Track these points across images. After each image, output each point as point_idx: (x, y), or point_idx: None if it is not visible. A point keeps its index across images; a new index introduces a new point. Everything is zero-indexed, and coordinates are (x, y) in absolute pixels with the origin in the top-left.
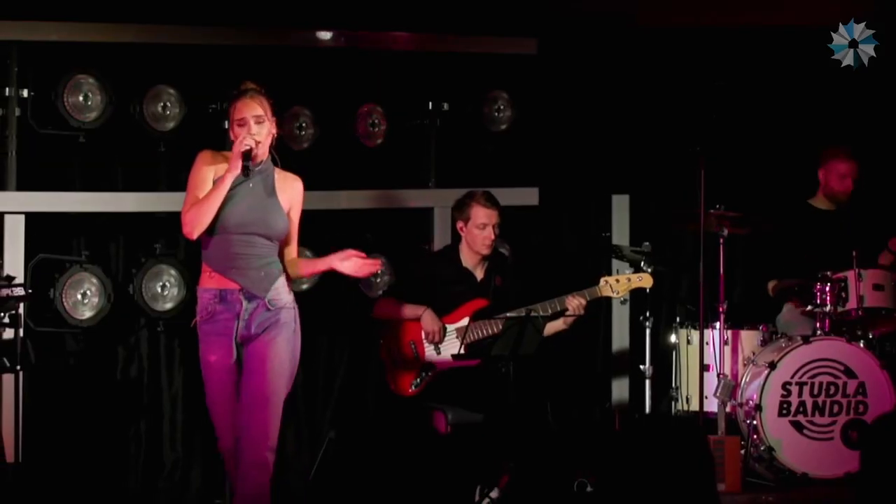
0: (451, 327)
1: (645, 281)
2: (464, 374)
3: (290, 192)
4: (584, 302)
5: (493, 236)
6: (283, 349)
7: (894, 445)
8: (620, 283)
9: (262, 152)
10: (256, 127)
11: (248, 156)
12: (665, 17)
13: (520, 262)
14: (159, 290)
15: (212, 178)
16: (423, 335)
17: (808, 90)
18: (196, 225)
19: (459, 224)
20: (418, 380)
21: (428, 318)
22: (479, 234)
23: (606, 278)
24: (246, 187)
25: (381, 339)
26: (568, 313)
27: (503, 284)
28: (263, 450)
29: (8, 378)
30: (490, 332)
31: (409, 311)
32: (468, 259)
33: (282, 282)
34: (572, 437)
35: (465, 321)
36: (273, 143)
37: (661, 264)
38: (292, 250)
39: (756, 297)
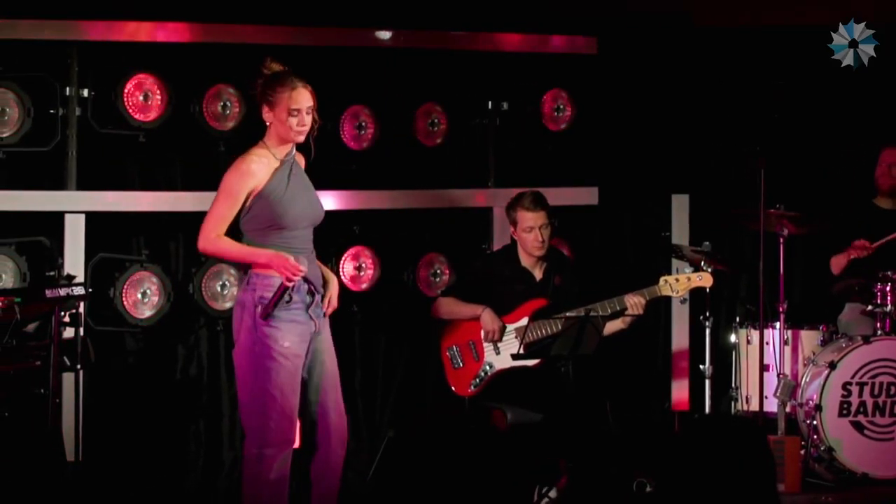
0: (510, 327)
1: (705, 280)
2: (523, 374)
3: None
4: (643, 301)
5: (541, 238)
6: None
7: None
8: (680, 282)
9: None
10: (308, 118)
11: (286, 291)
12: (724, 16)
13: (579, 262)
14: (219, 289)
15: (246, 192)
16: (483, 335)
17: (869, 88)
18: (211, 254)
19: (511, 228)
20: (477, 379)
21: (487, 318)
22: (527, 238)
23: (666, 277)
24: (298, 181)
25: (441, 339)
26: (627, 312)
27: (562, 284)
28: (346, 424)
29: (68, 377)
30: (549, 331)
31: (469, 310)
32: (526, 259)
33: None
34: (631, 437)
35: (524, 321)
36: (316, 130)
37: (721, 264)
38: None
39: (816, 297)
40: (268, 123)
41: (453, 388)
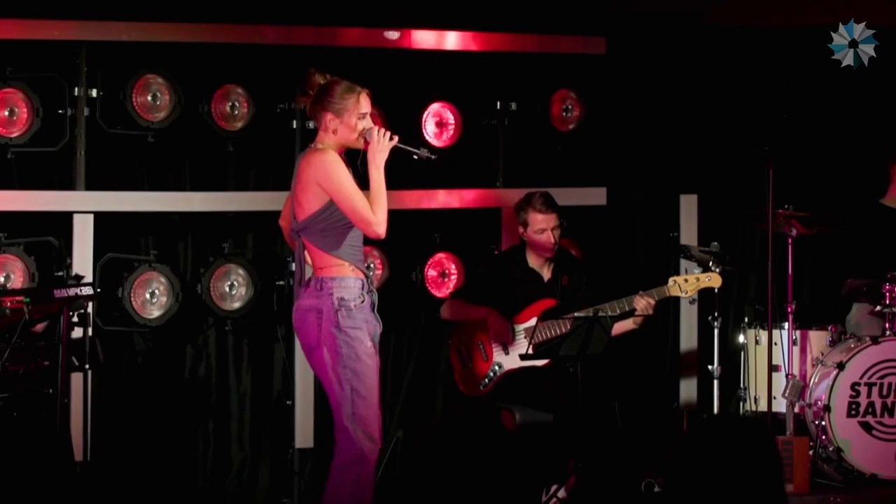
0: (519, 327)
1: (714, 281)
2: (532, 374)
3: None
4: (652, 302)
5: (552, 240)
6: None
7: None
8: (689, 282)
9: None
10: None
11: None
12: (733, 15)
13: (588, 262)
14: (227, 289)
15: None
16: (491, 336)
17: (878, 89)
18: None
19: (520, 229)
20: (486, 380)
21: (495, 319)
22: (538, 239)
23: (675, 278)
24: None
25: (450, 340)
26: (637, 313)
27: (570, 284)
28: None
29: (77, 377)
30: (558, 332)
31: (477, 312)
32: (534, 259)
33: None
34: (640, 437)
35: (532, 321)
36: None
37: (730, 264)
38: None
39: (825, 298)
40: (331, 131)
41: (462, 389)
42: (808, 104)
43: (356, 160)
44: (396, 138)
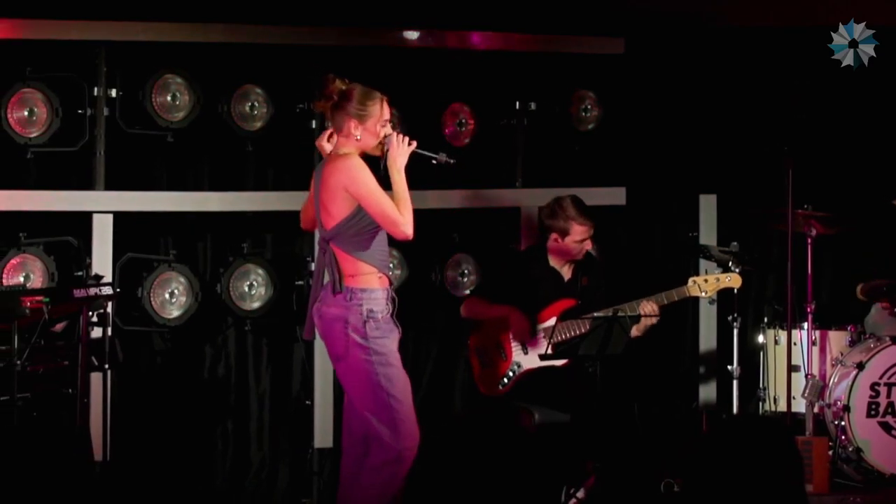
0: (539, 327)
1: (733, 281)
2: (551, 374)
3: None
4: (655, 307)
5: (590, 246)
6: None
7: None
8: (709, 283)
9: None
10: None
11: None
12: (751, 16)
13: (607, 262)
14: (247, 289)
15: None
16: (511, 335)
17: None
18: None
19: (554, 235)
20: (505, 379)
21: (516, 318)
22: (575, 247)
23: (695, 278)
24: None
25: (469, 339)
26: (643, 315)
27: (590, 284)
28: None
29: (96, 377)
30: (577, 332)
31: (497, 310)
32: (555, 259)
33: None
34: (659, 437)
35: (552, 321)
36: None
37: (749, 264)
38: None
39: (844, 298)
40: (354, 137)
41: (481, 388)
42: (827, 104)
43: (376, 164)
44: (415, 143)
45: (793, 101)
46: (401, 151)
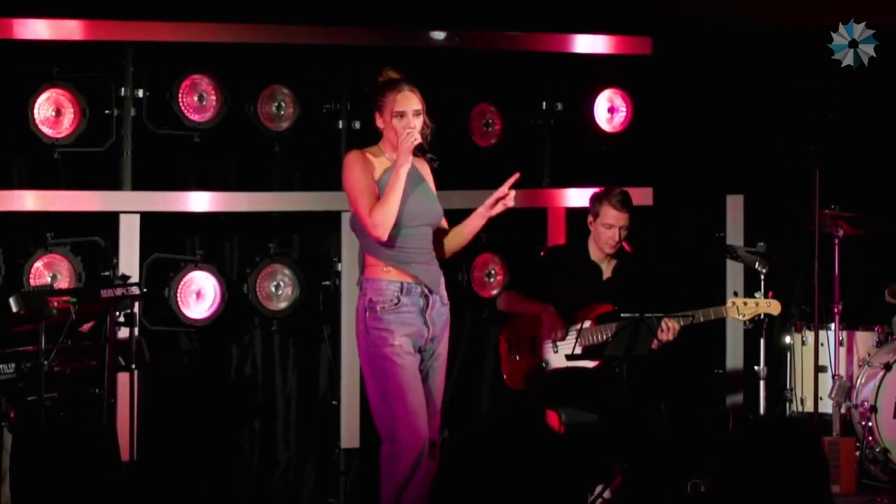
0: (572, 328)
1: (773, 308)
2: (578, 375)
3: (431, 176)
4: (677, 327)
5: (617, 237)
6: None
7: None
8: (748, 306)
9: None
10: (415, 120)
11: (422, 149)
12: (779, 15)
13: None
14: (273, 289)
15: (370, 173)
16: (544, 331)
17: None
18: (388, 225)
19: (590, 217)
20: (531, 375)
21: (549, 315)
22: (603, 233)
23: (734, 300)
24: (410, 181)
25: (502, 331)
26: (660, 333)
27: (624, 280)
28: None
29: (123, 377)
30: (607, 337)
31: (533, 306)
32: (596, 253)
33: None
34: (686, 438)
35: (586, 323)
36: (429, 134)
37: (776, 265)
38: (444, 224)
39: (871, 298)
40: (381, 129)
41: (506, 380)
42: (855, 104)
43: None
44: (419, 139)
45: (820, 101)
46: (402, 148)
